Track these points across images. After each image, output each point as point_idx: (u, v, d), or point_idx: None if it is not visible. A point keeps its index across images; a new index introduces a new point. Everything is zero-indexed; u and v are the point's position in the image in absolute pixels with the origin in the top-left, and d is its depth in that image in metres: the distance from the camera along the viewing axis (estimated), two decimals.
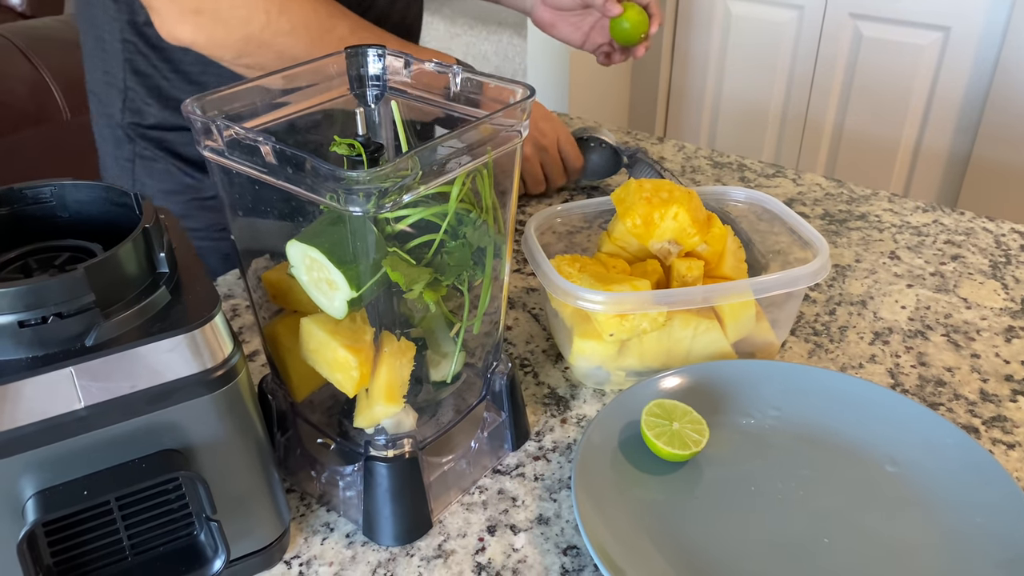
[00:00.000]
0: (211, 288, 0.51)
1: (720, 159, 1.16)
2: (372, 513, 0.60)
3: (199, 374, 0.49)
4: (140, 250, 0.49)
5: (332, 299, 0.54)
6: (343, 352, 0.55)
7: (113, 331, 0.47)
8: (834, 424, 0.68)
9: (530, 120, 0.56)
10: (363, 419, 0.59)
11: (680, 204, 0.75)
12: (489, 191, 0.56)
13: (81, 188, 0.55)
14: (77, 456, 0.47)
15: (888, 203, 1.05)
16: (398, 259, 0.53)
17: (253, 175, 0.52)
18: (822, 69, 2.22)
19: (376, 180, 0.47)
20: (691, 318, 0.72)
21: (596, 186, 1.09)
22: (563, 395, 0.74)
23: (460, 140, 0.51)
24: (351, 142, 0.55)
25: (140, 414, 0.47)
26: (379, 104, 0.64)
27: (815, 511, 0.61)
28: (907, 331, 0.81)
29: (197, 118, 0.53)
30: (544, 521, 0.61)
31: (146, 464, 0.48)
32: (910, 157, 2.18)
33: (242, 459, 0.53)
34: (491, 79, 0.58)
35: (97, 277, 0.46)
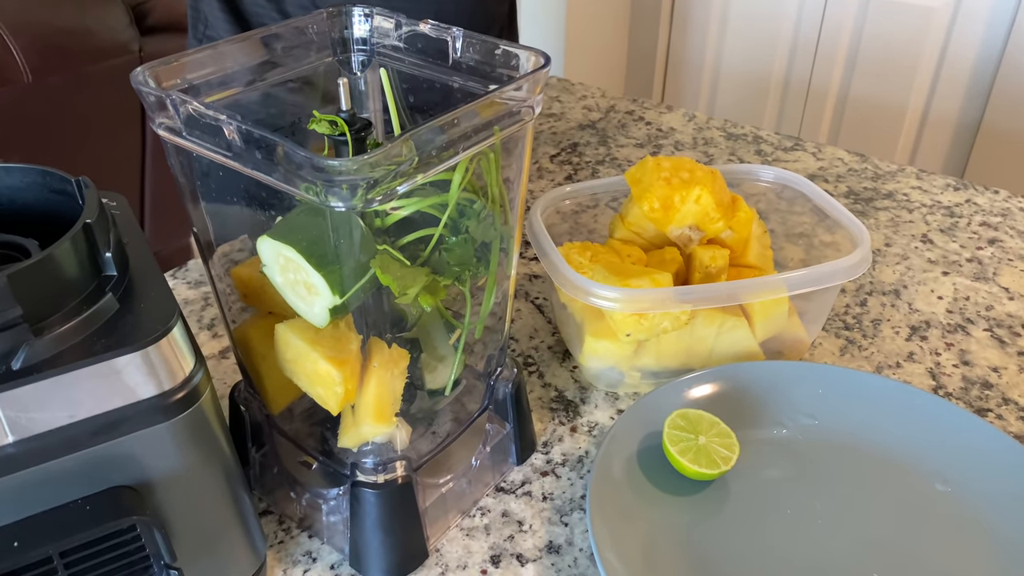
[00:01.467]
0: (168, 293, 0.43)
1: (734, 131, 1.08)
2: (360, 544, 0.52)
3: (155, 398, 0.41)
4: (81, 250, 0.41)
5: (311, 305, 0.46)
6: (325, 365, 0.47)
7: (47, 350, 0.39)
8: (875, 435, 0.61)
9: None
10: (348, 438, 0.51)
11: (703, 185, 0.67)
12: (496, 177, 0.48)
13: (13, 172, 0.46)
14: (6, 499, 0.39)
15: (916, 180, 0.97)
16: (389, 259, 0.45)
17: (215, 160, 0.43)
18: (827, 33, 2.12)
19: (364, 169, 0.38)
20: (716, 315, 0.64)
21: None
22: (572, 399, 0.67)
23: (464, 118, 0.43)
24: (333, 118, 0.47)
25: (82, 448, 0.40)
26: (365, 72, 0.56)
27: (864, 539, 0.54)
28: (946, 325, 0.74)
29: (149, 91, 0.44)
30: (555, 550, 0.54)
31: (91, 506, 0.40)
32: (917, 124, 2.10)
33: (209, 492, 0.45)
34: (498, 43, 0.49)
35: (25, 285, 0.38)
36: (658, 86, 2.49)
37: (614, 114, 1.13)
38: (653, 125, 1.10)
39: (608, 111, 1.14)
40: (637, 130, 1.08)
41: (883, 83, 2.09)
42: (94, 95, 1.48)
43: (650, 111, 1.14)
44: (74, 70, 1.43)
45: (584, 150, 1.03)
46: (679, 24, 2.37)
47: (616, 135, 1.07)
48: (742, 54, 2.29)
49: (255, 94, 0.52)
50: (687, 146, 1.04)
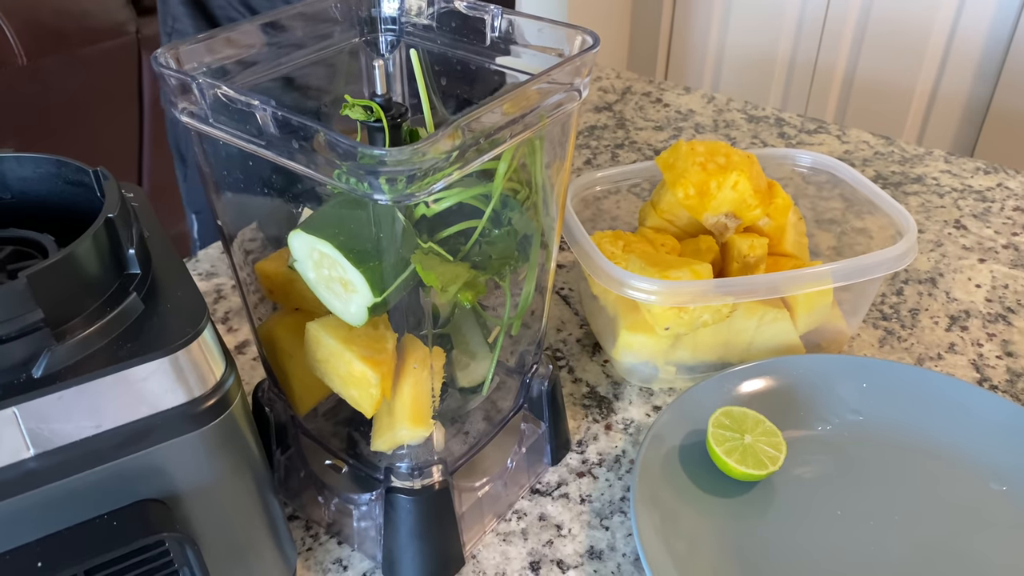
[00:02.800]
0: (195, 292, 0.40)
1: (755, 113, 1.05)
2: (394, 552, 0.50)
3: (184, 406, 0.38)
4: (103, 247, 0.38)
5: (348, 303, 0.43)
6: (360, 366, 0.45)
7: (68, 356, 0.36)
8: (923, 431, 0.59)
9: None
10: (383, 441, 0.48)
11: (740, 171, 0.65)
12: (540, 166, 0.45)
13: (25, 163, 0.43)
14: (26, 517, 0.36)
15: (945, 163, 0.94)
16: (431, 254, 0.42)
17: (245, 148, 0.40)
18: (834, 11, 2.09)
19: (415, 159, 0.35)
20: (756, 307, 0.62)
21: None
22: (605, 395, 0.64)
23: (512, 104, 0.40)
24: (368, 104, 0.44)
25: (108, 460, 0.37)
26: (394, 53, 0.53)
27: (919, 542, 0.52)
28: (986, 315, 0.72)
29: (172, 74, 0.41)
30: (596, 555, 0.52)
31: (118, 522, 0.38)
32: (926, 104, 2.07)
33: (240, 502, 0.43)
34: (540, 21, 0.46)
35: (46, 287, 0.35)
36: (661, 66, 2.46)
37: (630, 96, 1.10)
38: (671, 107, 1.07)
39: (624, 93, 1.11)
40: (655, 112, 1.05)
41: (891, 62, 2.06)
42: (90, 77, 1.44)
43: (667, 92, 1.11)
44: (69, 52, 1.39)
45: (602, 133, 1.00)
46: (683, 3, 2.33)
47: (634, 118, 1.04)
48: (747, 33, 2.25)
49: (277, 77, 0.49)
50: (708, 129, 1.01)
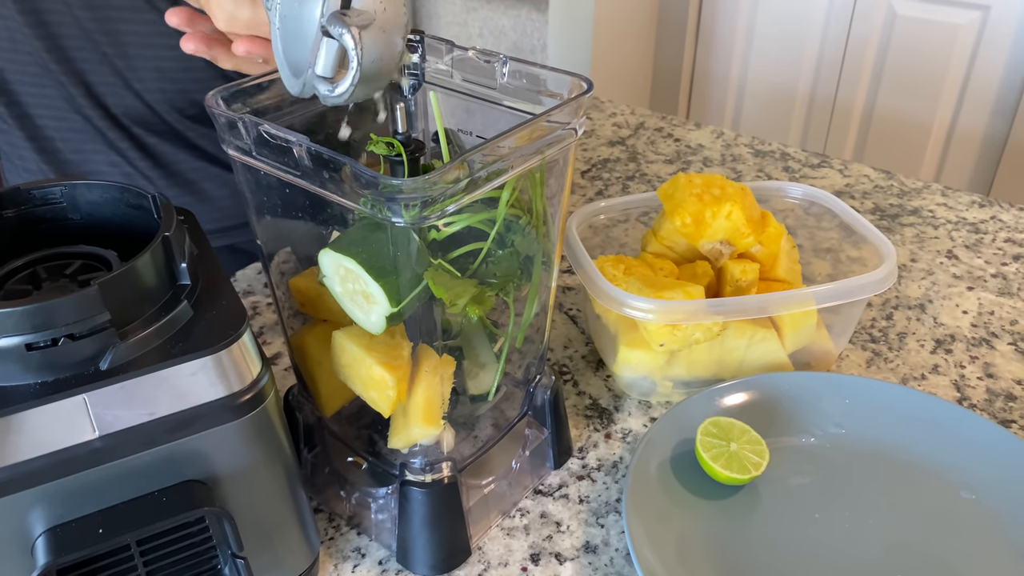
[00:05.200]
0: (237, 301, 0.47)
1: (762, 147, 1.10)
2: (407, 540, 0.55)
3: (225, 398, 0.44)
4: (159, 261, 0.45)
5: (369, 313, 0.49)
6: (379, 370, 0.50)
7: (130, 353, 0.42)
8: (901, 444, 0.63)
9: None
10: (398, 440, 0.54)
11: (734, 202, 0.70)
12: (540, 195, 0.51)
13: (94, 188, 0.50)
14: (91, 491, 0.42)
15: (942, 197, 0.99)
16: (441, 271, 0.48)
17: (283, 178, 0.47)
18: (853, 49, 2.14)
19: (425, 188, 0.41)
20: (746, 327, 0.67)
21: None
22: (606, 407, 0.69)
23: (513, 141, 0.46)
24: (390, 140, 0.50)
25: (160, 444, 0.43)
26: (416, 94, 0.59)
27: (887, 542, 0.56)
28: (971, 339, 0.76)
29: (221, 113, 0.48)
30: (592, 549, 0.57)
31: (167, 498, 0.44)
32: (943, 141, 2.11)
33: (271, 488, 0.48)
34: (542, 70, 0.52)
35: (112, 293, 0.41)
36: (683, 102, 2.52)
37: (643, 131, 1.16)
38: (682, 142, 1.12)
39: (637, 128, 1.17)
40: (666, 147, 1.11)
41: (909, 99, 2.10)
42: None
43: (679, 128, 1.16)
44: None
45: (614, 166, 1.06)
46: (705, 40, 2.40)
47: (645, 151, 1.10)
48: (767, 70, 2.31)
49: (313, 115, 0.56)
50: (716, 162, 1.07)
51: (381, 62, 0.46)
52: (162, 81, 0.81)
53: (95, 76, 0.79)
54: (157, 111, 0.83)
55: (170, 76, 0.81)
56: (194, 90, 0.82)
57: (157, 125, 0.84)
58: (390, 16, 0.45)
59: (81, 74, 0.79)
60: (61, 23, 0.76)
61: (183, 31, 0.79)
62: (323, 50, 0.45)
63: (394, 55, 0.47)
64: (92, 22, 0.76)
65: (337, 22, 0.43)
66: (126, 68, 0.79)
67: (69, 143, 0.83)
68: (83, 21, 0.76)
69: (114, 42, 0.78)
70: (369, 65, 0.45)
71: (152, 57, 0.80)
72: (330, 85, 0.45)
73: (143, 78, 0.80)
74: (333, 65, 0.45)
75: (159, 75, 0.80)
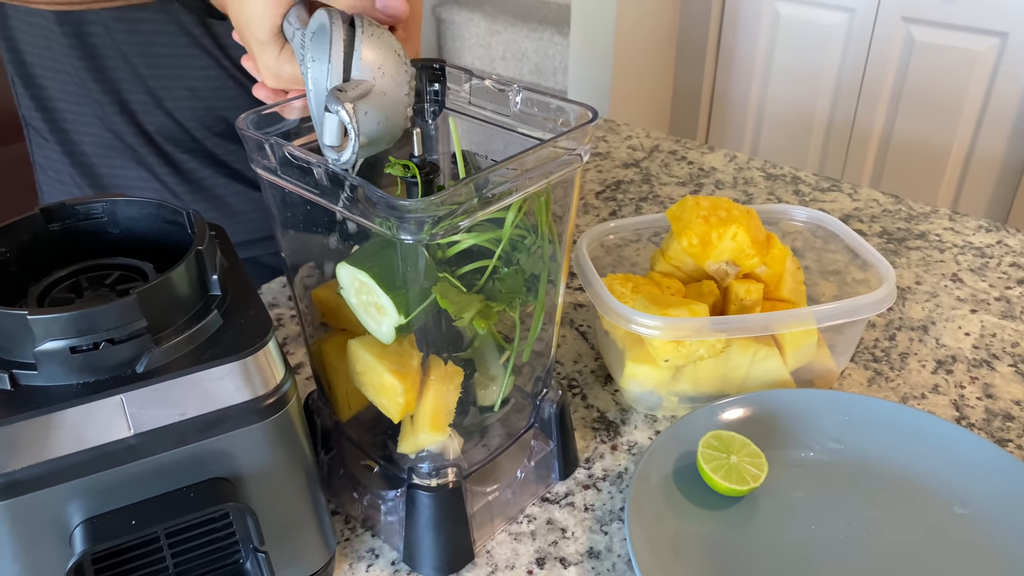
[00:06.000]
0: (263, 311, 0.50)
1: (773, 171, 1.13)
2: (413, 542, 0.58)
3: (250, 401, 0.47)
4: (193, 273, 0.48)
5: (380, 324, 0.52)
6: (389, 377, 0.53)
7: (164, 357, 0.45)
8: (898, 460, 0.65)
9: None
10: (407, 445, 0.57)
11: (739, 224, 0.73)
12: (546, 217, 0.54)
13: (133, 205, 0.54)
14: (125, 485, 0.45)
15: (949, 221, 1.01)
16: (448, 286, 0.51)
17: (305, 196, 0.50)
18: (871, 74, 2.16)
19: (430, 208, 0.45)
20: (749, 344, 0.69)
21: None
22: (613, 420, 0.72)
23: (518, 165, 0.49)
24: (406, 163, 0.53)
25: (189, 442, 0.46)
26: (436, 120, 0.63)
27: (880, 553, 0.58)
28: (972, 360, 0.78)
29: (250, 135, 0.51)
30: (595, 555, 0.59)
31: (194, 493, 0.47)
32: (961, 167, 2.12)
33: (291, 487, 0.52)
34: (552, 99, 0.55)
35: (149, 302, 0.45)
36: (703, 126, 2.55)
37: (657, 153, 1.19)
38: (695, 164, 1.15)
39: (652, 151, 1.20)
40: (679, 169, 1.14)
41: (927, 124, 2.12)
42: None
43: (692, 151, 1.19)
44: None
45: (628, 188, 1.09)
46: (724, 64, 2.43)
47: (659, 174, 1.13)
48: (786, 94, 2.34)
49: None
50: (727, 185, 1.09)
51: (387, 122, 0.50)
52: (193, 100, 0.85)
53: (130, 95, 0.84)
54: (187, 128, 0.87)
55: (200, 95, 0.85)
56: (223, 108, 0.87)
57: (187, 143, 0.88)
58: (389, 78, 0.49)
59: (117, 93, 0.84)
60: (101, 44, 0.81)
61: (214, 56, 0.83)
62: (326, 123, 0.48)
63: (399, 112, 0.50)
64: (130, 44, 0.81)
65: (334, 100, 0.47)
66: (159, 88, 0.84)
67: (102, 158, 0.87)
68: (121, 43, 0.81)
69: (149, 63, 0.82)
70: (373, 130, 0.49)
71: (184, 77, 0.84)
72: (336, 154, 0.49)
73: (175, 97, 0.85)
74: (338, 135, 0.49)
75: (190, 94, 0.85)
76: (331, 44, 0.49)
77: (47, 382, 0.44)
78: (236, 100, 0.86)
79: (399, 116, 0.50)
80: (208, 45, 0.82)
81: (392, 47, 0.50)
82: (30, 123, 0.89)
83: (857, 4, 2.12)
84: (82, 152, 0.88)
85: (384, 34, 0.50)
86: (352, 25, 0.49)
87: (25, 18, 0.81)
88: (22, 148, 0.93)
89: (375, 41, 0.49)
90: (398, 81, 0.50)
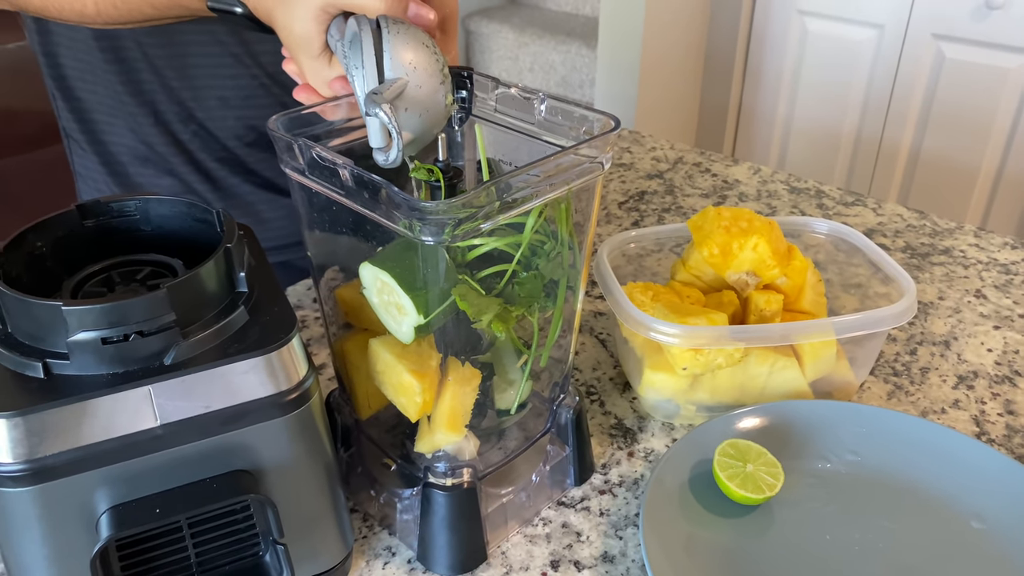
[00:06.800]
0: (288, 309, 0.51)
1: (797, 184, 1.13)
2: (427, 540, 0.59)
3: (273, 396, 0.48)
4: (221, 269, 0.49)
5: (400, 323, 0.53)
6: (408, 377, 0.54)
7: (191, 351, 0.47)
8: (915, 473, 0.65)
9: None
10: (424, 444, 0.58)
11: (760, 235, 0.73)
12: (566, 223, 0.55)
13: (164, 203, 0.55)
14: (150, 474, 0.47)
15: (974, 238, 1.00)
16: (468, 288, 0.52)
17: (331, 196, 0.51)
18: (900, 91, 2.15)
19: (451, 211, 0.46)
20: (768, 354, 0.69)
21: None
22: (630, 427, 0.72)
23: (539, 171, 0.50)
24: (430, 167, 0.55)
25: (213, 434, 0.47)
26: (463, 127, 0.64)
27: (895, 566, 0.58)
28: (993, 376, 0.78)
29: (280, 136, 0.53)
30: (609, 559, 0.60)
31: (217, 484, 0.48)
32: (990, 185, 2.10)
33: (311, 482, 0.53)
34: (576, 107, 0.56)
35: (179, 296, 0.46)
36: (729, 140, 2.55)
37: (681, 165, 1.19)
38: (719, 177, 1.16)
39: (676, 162, 1.20)
40: (703, 181, 1.14)
41: (956, 142, 2.10)
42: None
43: (716, 163, 1.20)
44: None
45: (651, 198, 1.10)
46: (752, 78, 2.43)
47: (683, 185, 1.13)
48: (813, 111, 2.33)
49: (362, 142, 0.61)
50: (751, 198, 1.10)
51: (427, 113, 0.51)
52: (224, 109, 0.87)
53: (163, 106, 0.87)
54: (218, 138, 0.89)
55: (231, 105, 0.87)
56: (253, 118, 0.89)
57: (217, 151, 0.90)
58: (422, 71, 0.51)
59: (151, 104, 0.86)
60: (135, 58, 0.83)
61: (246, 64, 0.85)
62: (369, 127, 0.50)
63: (438, 101, 0.52)
64: (163, 58, 0.84)
65: (371, 103, 0.48)
66: (192, 99, 0.86)
67: (136, 167, 0.90)
68: (154, 58, 0.83)
69: (181, 75, 0.85)
70: (415, 124, 0.51)
71: (216, 87, 0.86)
72: (384, 154, 0.51)
73: (207, 107, 0.87)
74: (382, 137, 0.50)
75: (221, 104, 0.87)
76: (363, 50, 0.50)
77: (79, 371, 0.45)
78: (266, 108, 0.88)
79: (438, 105, 0.52)
80: (240, 53, 0.84)
81: (420, 40, 0.51)
82: (70, 134, 0.92)
83: (887, 20, 2.12)
84: (118, 162, 0.91)
85: (410, 29, 0.51)
86: (380, 27, 0.51)
87: (67, 34, 0.84)
88: (59, 151, 0.95)
89: (402, 39, 0.51)
90: (431, 72, 0.51)
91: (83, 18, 0.74)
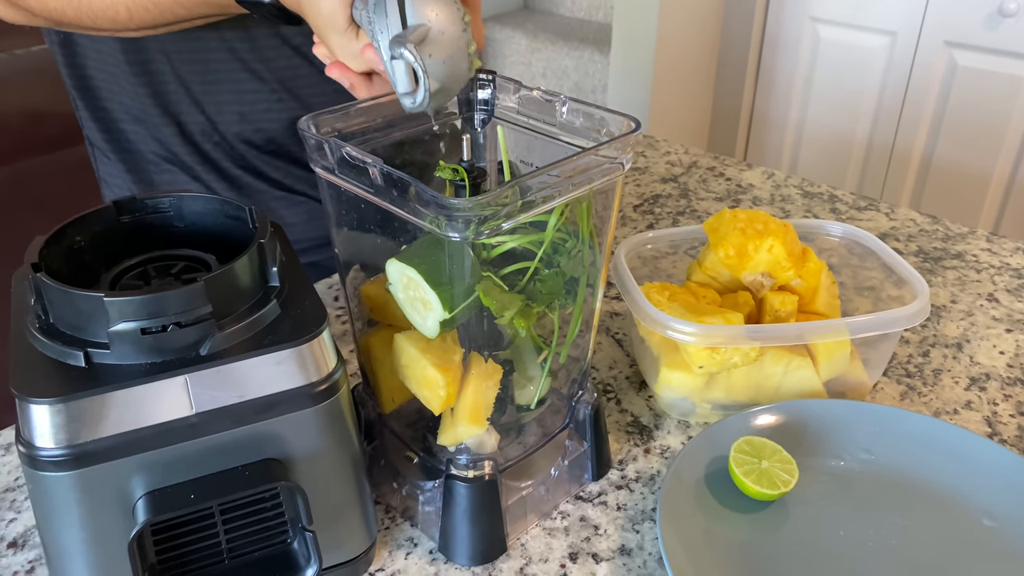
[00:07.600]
0: (319, 303, 0.53)
1: (811, 189, 1.14)
2: (448, 531, 0.60)
3: (304, 387, 0.50)
4: (255, 264, 0.51)
5: (425, 318, 0.55)
6: (432, 371, 0.56)
7: (226, 342, 0.48)
8: (927, 472, 0.66)
9: None
10: (446, 437, 0.59)
11: (775, 236, 0.74)
12: (587, 221, 0.57)
13: (198, 200, 0.57)
14: (185, 461, 0.48)
15: (986, 243, 1.01)
16: (492, 284, 0.53)
17: (360, 194, 0.53)
18: (912, 98, 2.16)
19: (476, 208, 0.47)
20: (783, 354, 0.71)
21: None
22: (646, 424, 0.74)
23: (561, 171, 0.52)
24: (455, 167, 0.56)
25: (246, 423, 0.49)
26: (485, 128, 0.65)
27: (908, 562, 0.59)
28: (1006, 378, 0.78)
29: (311, 136, 0.54)
30: (627, 552, 0.61)
31: (249, 472, 0.49)
32: (1003, 191, 2.10)
33: (338, 471, 0.54)
34: (596, 110, 0.58)
35: (215, 289, 0.48)
36: (741, 145, 2.56)
37: (696, 169, 1.21)
38: (733, 181, 1.17)
39: (690, 166, 1.22)
40: (717, 185, 1.16)
41: (969, 150, 2.10)
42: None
43: (730, 167, 1.21)
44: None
45: (666, 202, 1.11)
46: (764, 84, 2.44)
47: (697, 189, 1.15)
48: (825, 117, 2.34)
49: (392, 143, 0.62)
50: (764, 202, 1.11)
51: (451, 61, 0.53)
52: (243, 124, 0.91)
53: (186, 116, 0.90)
54: (236, 148, 0.92)
55: (249, 119, 0.91)
56: (272, 130, 0.92)
57: (238, 159, 0.93)
58: (444, 17, 0.53)
59: (175, 115, 0.89)
60: (160, 71, 0.87)
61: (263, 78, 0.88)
62: (395, 72, 0.52)
63: (461, 48, 0.54)
64: (188, 72, 0.87)
65: (397, 45, 0.50)
66: (215, 113, 0.89)
67: (161, 174, 0.93)
68: (180, 71, 0.87)
69: (205, 90, 0.88)
70: (439, 70, 0.52)
71: (235, 102, 0.90)
72: (411, 98, 0.52)
73: (227, 121, 0.90)
74: (408, 81, 0.52)
75: (240, 118, 0.91)
76: (387, 9, 0.52)
77: (118, 360, 0.47)
78: (283, 123, 0.91)
79: (461, 53, 0.54)
80: (259, 70, 0.87)
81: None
82: (94, 143, 0.95)
83: (899, 28, 2.12)
84: (143, 170, 0.93)
85: None
86: None
87: (93, 46, 0.87)
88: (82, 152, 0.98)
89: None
90: (453, 19, 0.53)
91: (116, 24, 0.76)
